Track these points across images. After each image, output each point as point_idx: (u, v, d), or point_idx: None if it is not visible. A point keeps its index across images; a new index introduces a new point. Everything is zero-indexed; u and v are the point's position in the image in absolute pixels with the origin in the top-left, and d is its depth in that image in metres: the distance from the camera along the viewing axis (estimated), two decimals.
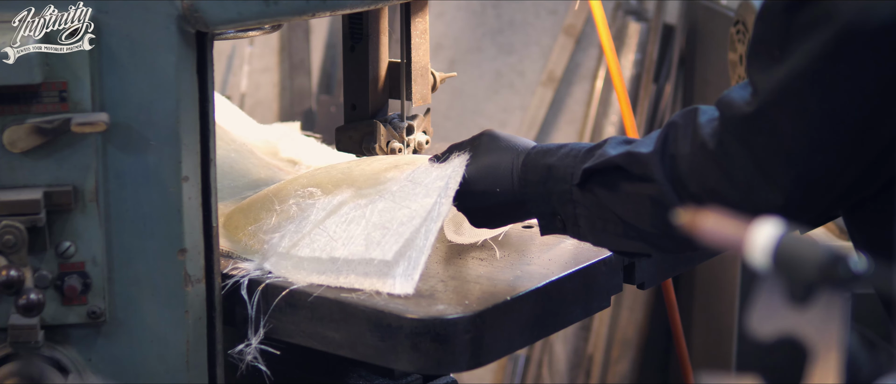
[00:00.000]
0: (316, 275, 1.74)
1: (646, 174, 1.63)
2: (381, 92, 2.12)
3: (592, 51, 4.28)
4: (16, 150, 1.62)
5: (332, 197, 1.82)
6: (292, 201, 1.85)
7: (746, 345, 3.52)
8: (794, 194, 1.54)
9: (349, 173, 1.88)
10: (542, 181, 1.73)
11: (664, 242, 1.67)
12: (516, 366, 4.13)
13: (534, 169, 1.75)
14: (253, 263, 1.78)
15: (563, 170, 1.72)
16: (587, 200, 1.69)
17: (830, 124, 1.51)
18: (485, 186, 1.77)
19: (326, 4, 1.71)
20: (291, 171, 2.22)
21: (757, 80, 1.55)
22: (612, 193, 1.67)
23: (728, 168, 1.56)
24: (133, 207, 1.68)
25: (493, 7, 4.21)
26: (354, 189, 1.83)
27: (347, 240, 1.75)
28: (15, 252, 1.59)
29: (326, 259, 1.74)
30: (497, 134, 1.84)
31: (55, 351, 1.68)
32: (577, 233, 1.73)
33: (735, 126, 1.56)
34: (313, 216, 1.80)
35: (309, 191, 1.86)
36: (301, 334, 1.72)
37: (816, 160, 1.52)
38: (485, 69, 4.26)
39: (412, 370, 1.79)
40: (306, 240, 1.77)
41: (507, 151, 1.79)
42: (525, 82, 4.29)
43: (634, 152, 1.65)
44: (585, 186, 1.69)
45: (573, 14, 4.24)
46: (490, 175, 1.78)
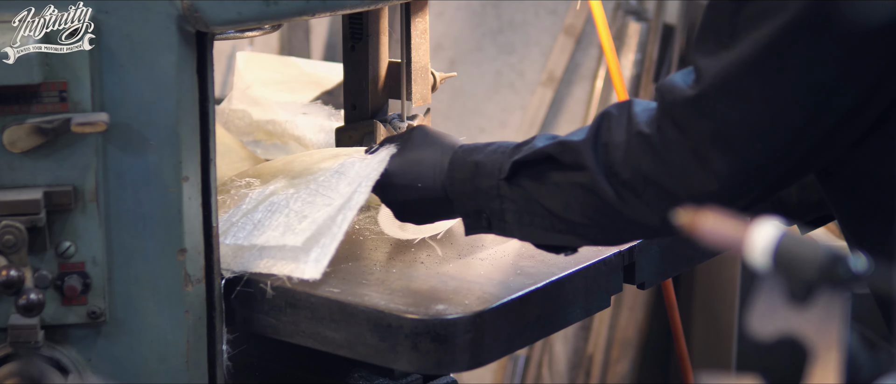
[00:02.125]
0: (237, 262, 1.77)
1: (577, 162, 1.63)
2: (381, 92, 2.12)
3: (592, 51, 4.28)
4: (16, 150, 1.62)
5: (266, 187, 1.85)
6: (233, 191, 1.89)
7: (746, 345, 3.52)
8: (728, 181, 1.54)
9: (289, 164, 1.91)
10: (469, 178, 1.73)
11: (594, 232, 1.66)
12: (516, 366, 4.13)
13: (460, 166, 1.74)
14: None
15: (490, 166, 1.71)
16: (515, 194, 1.69)
17: (771, 114, 1.51)
18: (407, 181, 1.78)
19: (326, 4, 1.71)
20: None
21: (702, 64, 1.55)
22: (541, 185, 1.67)
23: (663, 152, 1.56)
24: (133, 207, 1.68)
25: (493, 7, 4.21)
26: (287, 179, 1.86)
27: (268, 228, 1.78)
28: (15, 252, 1.59)
29: (248, 246, 1.77)
30: (428, 130, 1.84)
31: (55, 351, 1.68)
32: (503, 229, 1.72)
33: (675, 109, 1.56)
34: (244, 206, 1.83)
35: (247, 180, 1.91)
36: (301, 334, 1.72)
37: (754, 148, 1.53)
38: (485, 69, 4.26)
39: (412, 370, 1.79)
40: (233, 230, 1.79)
41: (434, 147, 1.79)
42: (525, 82, 4.29)
43: (566, 141, 1.65)
44: (513, 180, 1.68)
45: (573, 14, 4.24)
46: (413, 170, 1.78)
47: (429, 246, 1.90)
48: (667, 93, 1.58)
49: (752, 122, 1.52)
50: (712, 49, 1.54)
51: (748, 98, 1.52)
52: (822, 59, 1.48)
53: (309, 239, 1.74)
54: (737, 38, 1.51)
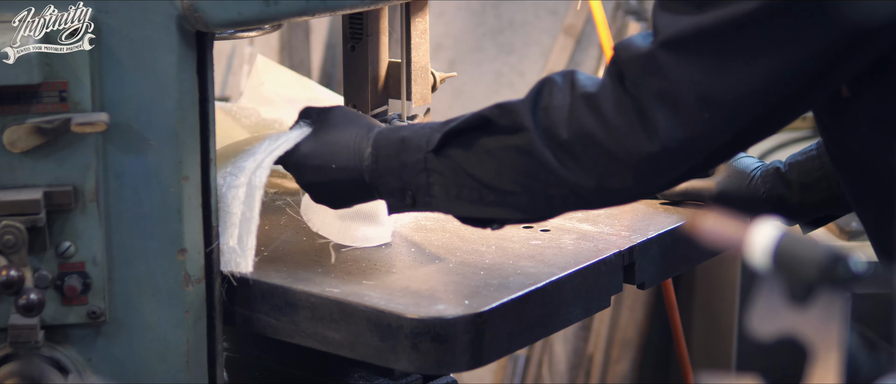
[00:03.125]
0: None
1: (514, 123, 1.61)
2: (381, 92, 2.12)
3: (592, 51, 4.28)
4: (16, 150, 1.62)
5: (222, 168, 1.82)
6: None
7: (746, 345, 3.52)
8: (669, 144, 1.52)
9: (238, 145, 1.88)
10: (395, 154, 1.70)
11: (524, 201, 1.64)
12: (516, 366, 4.13)
13: (386, 143, 1.71)
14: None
15: (417, 139, 1.68)
16: (442, 166, 1.66)
17: (722, 85, 1.51)
18: (321, 161, 1.75)
19: (326, 4, 1.71)
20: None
21: (662, 22, 1.54)
22: (471, 152, 1.64)
23: (607, 111, 1.55)
24: (133, 207, 1.68)
25: (493, 7, 4.21)
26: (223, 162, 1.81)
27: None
28: (15, 252, 1.59)
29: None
30: (347, 110, 1.81)
31: (55, 351, 1.68)
32: (429, 204, 1.70)
33: (627, 65, 1.55)
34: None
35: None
36: (301, 334, 1.72)
37: (701, 116, 1.52)
38: (485, 69, 4.26)
39: (412, 370, 1.79)
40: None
41: (353, 128, 1.76)
42: (525, 82, 4.28)
43: (504, 104, 1.63)
44: (442, 151, 1.66)
45: (573, 14, 4.24)
46: (328, 150, 1.75)
47: (429, 246, 1.90)
48: (621, 50, 1.57)
49: (701, 89, 1.51)
50: (678, 9, 1.53)
51: (702, 63, 1.51)
52: (785, 47, 1.49)
53: (239, 237, 1.73)
54: (704, 7, 1.50)
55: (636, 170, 1.56)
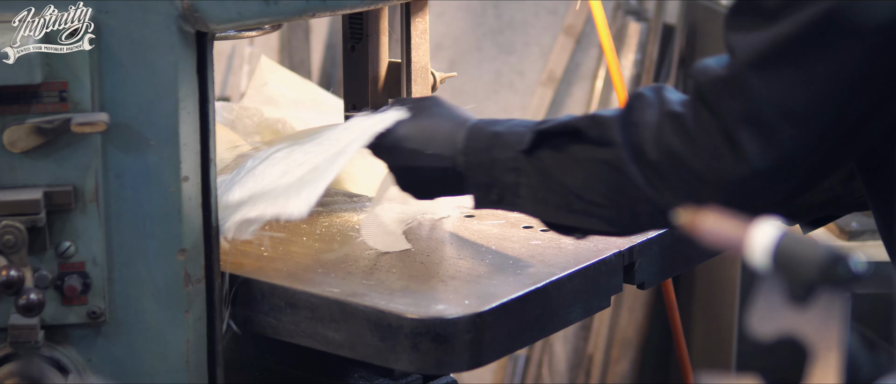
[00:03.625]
0: (235, 214, 1.74)
1: (604, 137, 1.59)
2: (381, 92, 2.12)
3: (592, 51, 4.28)
4: (16, 150, 1.62)
5: (269, 148, 1.83)
6: (249, 161, 1.86)
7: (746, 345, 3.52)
8: (759, 167, 1.49)
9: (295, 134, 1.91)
10: (487, 148, 1.68)
11: (610, 215, 1.61)
12: (516, 366, 4.13)
13: (478, 135, 1.69)
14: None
15: (510, 137, 1.66)
16: (532, 168, 1.64)
17: (806, 98, 1.47)
18: (416, 145, 1.73)
19: (326, 4, 1.71)
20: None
21: (736, 42, 1.51)
22: (563, 158, 1.62)
23: (693, 133, 1.52)
24: (133, 207, 1.68)
25: (493, 7, 4.21)
26: (291, 140, 1.84)
27: (269, 177, 1.77)
28: (15, 252, 1.59)
29: (247, 196, 1.75)
30: (442, 100, 1.80)
31: (55, 351, 1.68)
32: (515, 204, 1.68)
33: (707, 89, 1.52)
34: (247, 164, 1.81)
35: (255, 145, 1.92)
36: (301, 334, 1.72)
37: (788, 133, 1.48)
38: (485, 69, 4.26)
39: (412, 370, 1.79)
40: (237, 188, 1.77)
41: (451, 117, 1.75)
42: (525, 82, 4.29)
43: (596, 115, 1.61)
44: (534, 152, 1.64)
45: (573, 14, 4.24)
46: (425, 135, 1.73)
47: (429, 246, 1.90)
48: (699, 74, 1.54)
49: (785, 105, 1.47)
50: (748, 26, 1.49)
51: (783, 79, 1.47)
52: (861, 47, 1.45)
53: (301, 178, 1.73)
54: (776, 18, 1.47)
55: (727, 193, 1.51)
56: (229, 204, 1.75)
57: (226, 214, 1.75)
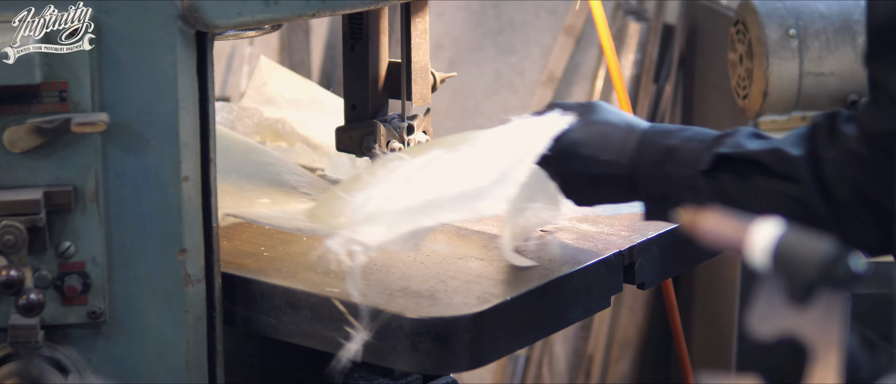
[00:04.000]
0: (406, 225, 1.65)
1: (790, 173, 1.55)
2: (381, 92, 2.12)
3: (592, 51, 4.28)
4: (16, 150, 1.62)
5: (422, 156, 1.75)
6: (380, 170, 1.77)
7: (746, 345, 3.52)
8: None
9: (442, 141, 1.82)
10: (660, 162, 1.64)
11: None
12: (516, 366, 4.13)
13: (650, 147, 1.65)
14: (340, 236, 1.65)
15: (686, 153, 1.62)
16: (711, 189, 1.60)
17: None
18: (590, 151, 1.68)
19: (326, 4, 1.71)
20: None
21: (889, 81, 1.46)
22: (745, 185, 1.58)
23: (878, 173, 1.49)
24: (133, 207, 1.68)
25: (493, 7, 4.21)
26: (444, 148, 1.76)
27: (440, 185, 1.68)
28: (15, 252, 1.59)
29: (419, 204, 1.65)
30: (607, 105, 1.74)
31: (55, 351, 1.68)
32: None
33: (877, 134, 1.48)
34: (403, 175, 1.72)
35: (399, 156, 1.81)
36: (301, 334, 1.72)
37: None
38: (485, 69, 4.26)
39: (412, 370, 1.79)
40: (397, 196, 1.68)
41: (621, 123, 1.69)
42: (525, 82, 4.29)
43: (781, 150, 1.56)
44: (713, 174, 1.60)
45: (573, 14, 4.24)
46: (599, 141, 1.68)
47: (428, 246, 1.90)
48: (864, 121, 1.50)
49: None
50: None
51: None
52: None
53: (491, 180, 1.65)
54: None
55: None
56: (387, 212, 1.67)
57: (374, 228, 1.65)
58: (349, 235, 1.64)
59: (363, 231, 1.64)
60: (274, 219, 1.84)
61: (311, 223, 1.79)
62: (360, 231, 1.65)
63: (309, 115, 2.35)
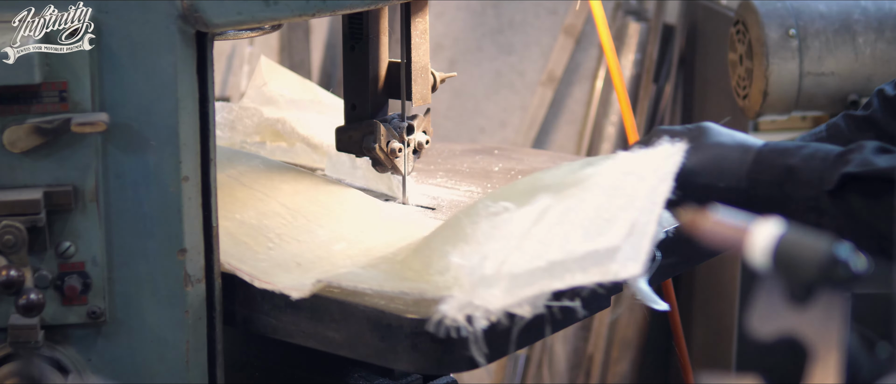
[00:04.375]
0: (531, 287, 1.53)
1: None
2: (381, 92, 2.12)
3: (592, 51, 4.28)
4: (16, 150, 1.62)
5: (531, 206, 1.60)
6: (484, 223, 1.61)
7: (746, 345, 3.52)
8: None
9: (538, 182, 1.67)
10: (779, 183, 1.59)
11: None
12: (516, 366, 4.13)
13: (769, 168, 1.61)
14: (456, 300, 1.55)
15: (808, 173, 1.57)
16: (838, 210, 1.55)
17: None
18: (707, 179, 1.63)
19: (326, 4, 1.71)
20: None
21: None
22: (876, 206, 1.53)
23: None
24: (133, 207, 1.68)
25: (493, 7, 4.21)
26: (553, 192, 1.61)
27: (564, 241, 1.54)
28: (15, 252, 1.59)
29: (543, 266, 1.53)
30: (716, 126, 1.68)
31: (55, 351, 1.68)
32: None
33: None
34: (516, 229, 1.58)
35: (502, 206, 1.63)
36: (301, 334, 1.72)
37: None
38: (485, 69, 4.26)
39: (412, 370, 1.79)
40: (516, 256, 1.55)
41: (733, 145, 1.64)
42: (525, 82, 4.29)
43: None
44: (840, 194, 1.55)
45: (573, 14, 4.24)
46: (714, 167, 1.63)
47: None
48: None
49: None
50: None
51: None
52: None
53: (623, 237, 1.53)
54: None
55: None
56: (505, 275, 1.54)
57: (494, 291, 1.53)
58: (467, 299, 1.53)
59: (482, 294, 1.53)
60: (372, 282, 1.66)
61: (415, 283, 1.64)
62: (478, 294, 1.54)
63: (309, 115, 2.35)
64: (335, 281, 1.62)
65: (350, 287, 1.62)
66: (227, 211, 1.86)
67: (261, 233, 1.83)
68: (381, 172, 2.13)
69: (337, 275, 1.63)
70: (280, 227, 1.86)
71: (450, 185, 2.23)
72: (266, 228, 1.85)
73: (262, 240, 1.82)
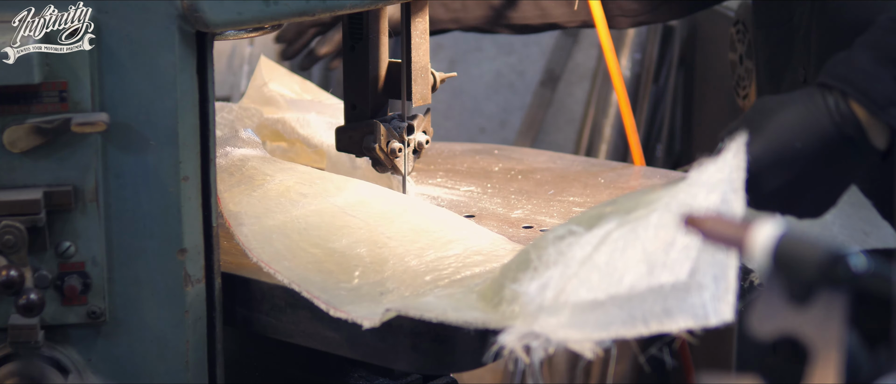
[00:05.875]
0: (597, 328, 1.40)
1: None
2: (381, 92, 2.12)
3: (592, 51, 4.28)
4: (16, 150, 1.62)
5: (598, 229, 1.47)
6: (551, 248, 1.49)
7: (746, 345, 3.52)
8: None
9: (615, 204, 1.55)
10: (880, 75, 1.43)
11: None
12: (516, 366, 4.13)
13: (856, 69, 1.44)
14: (516, 330, 1.45)
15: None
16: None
17: None
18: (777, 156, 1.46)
19: (326, 4, 1.71)
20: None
21: None
22: None
23: None
24: (133, 207, 1.68)
25: None
26: (620, 214, 1.47)
27: (625, 270, 1.39)
28: (15, 252, 1.59)
29: (605, 299, 1.40)
30: (769, 96, 1.52)
31: (55, 351, 1.68)
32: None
33: None
34: (578, 254, 1.45)
35: (569, 228, 1.50)
36: (301, 334, 1.72)
37: None
38: (485, 69, 4.26)
39: (412, 370, 1.79)
40: (574, 284, 1.43)
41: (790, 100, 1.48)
42: (525, 82, 4.29)
43: None
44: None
45: None
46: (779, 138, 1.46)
47: None
48: None
49: None
50: None
51: None
52: None
53: (693, 270, 1.34)
54: None
55: None
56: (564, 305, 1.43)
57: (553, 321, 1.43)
58: (525, 329, 1.44)
59: (542, 323, 1.44)
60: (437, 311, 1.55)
61: (482, 313, 1.54)
62: (538, 322, 1.44)
63: (309, 115, 2.35)
64: (403, 310, 1.55)
65: (416, 316, 1.54)
66: (322, 240, 1.82)
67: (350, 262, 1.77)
68: (381, 172, 2.13)
69: (405, 305, 1.56)
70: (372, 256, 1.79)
71: (449, 185, 2.23)
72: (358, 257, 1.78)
73: (350, 269, 1.75)
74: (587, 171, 2.33)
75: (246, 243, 1.78)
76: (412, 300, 1.62)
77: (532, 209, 2.08)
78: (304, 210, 1.86)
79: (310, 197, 1.90)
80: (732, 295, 1.33)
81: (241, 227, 1.81)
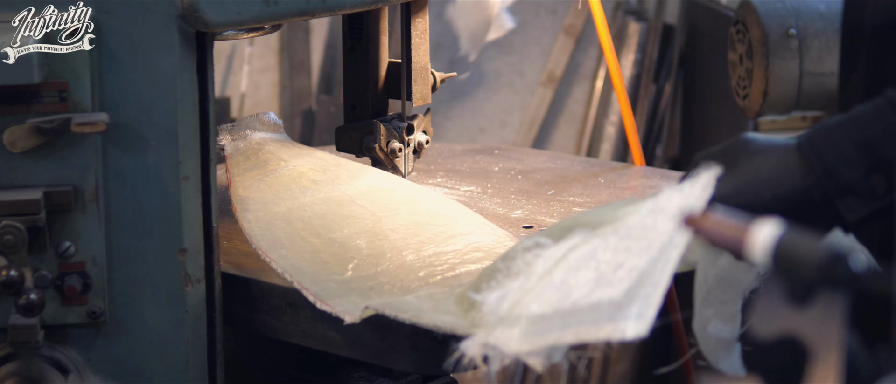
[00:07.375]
0: (541, 337, 1.44)
1: None
2: (381, 92, 2.12)
3: (592, 51, 4.28)
4: (16, 150, 1.62)
5: (563, 243, 1.50)
6: (519, 259, 1.53)
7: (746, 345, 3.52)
8: None
9: (583, 217, 1.55)
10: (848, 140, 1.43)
11: None
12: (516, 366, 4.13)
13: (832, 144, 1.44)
14: (477, 338, 1.47)
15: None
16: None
17: None
18: (747, 199, 1.47)
19: (326, 4, 1.71)
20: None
21: None
22: None
23: None
24: (133, 207, 1.68)
25: None
26: (587, 230, 1.50)
27: (575, 287, 1.44)
28: (15, 252, 1.59)
29: (552, 313, 1.44)
30: (753, 136, 1.53)
31: (55, 351, 1.68)
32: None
33: None
34: (540, 268, 1.49)
35: (536, 241, 1.53)
36: (301, 334, 1.72)
37: None
38: (485, 69, 4.26)
39: (412, 370, 1.79)
40: (530, 297, 1.46)
41: (770, 149, 1.48)
42: (525, 82, 4.29)
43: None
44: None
45: (573, 14, 4.24)
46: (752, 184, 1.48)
47: None
48: None
49: None
50: None
51: None
52: None
53: (629, 290, 1.40)
54: None
55: None
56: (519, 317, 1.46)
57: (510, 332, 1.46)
58: (484, 339, 1.46)
59: (498, 334, 1.46)
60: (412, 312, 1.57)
61: (453, 317, 1.56)
62: (495, 334, 1.46)
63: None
64: (380, 308, 1.57)
65: (392, 315, 1.56)
66: (324, 229, 1.81)
67: (347, 253, 1.77)
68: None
69: (383, 303, 1.58)
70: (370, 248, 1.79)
71: (450, 185, 2.23)
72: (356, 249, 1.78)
73: (345, 261, 1.75)
74: (587, 170, 2.33)
75: (248, 229, 1.79)
76: (393, 298, 1.63)
77: (532, 209, 2.08)
78: (313, 198, 1.87)
79: (321, 184, 1.90)
80: (653, 314, 1.39)
81: (246, 213, 1.81)
